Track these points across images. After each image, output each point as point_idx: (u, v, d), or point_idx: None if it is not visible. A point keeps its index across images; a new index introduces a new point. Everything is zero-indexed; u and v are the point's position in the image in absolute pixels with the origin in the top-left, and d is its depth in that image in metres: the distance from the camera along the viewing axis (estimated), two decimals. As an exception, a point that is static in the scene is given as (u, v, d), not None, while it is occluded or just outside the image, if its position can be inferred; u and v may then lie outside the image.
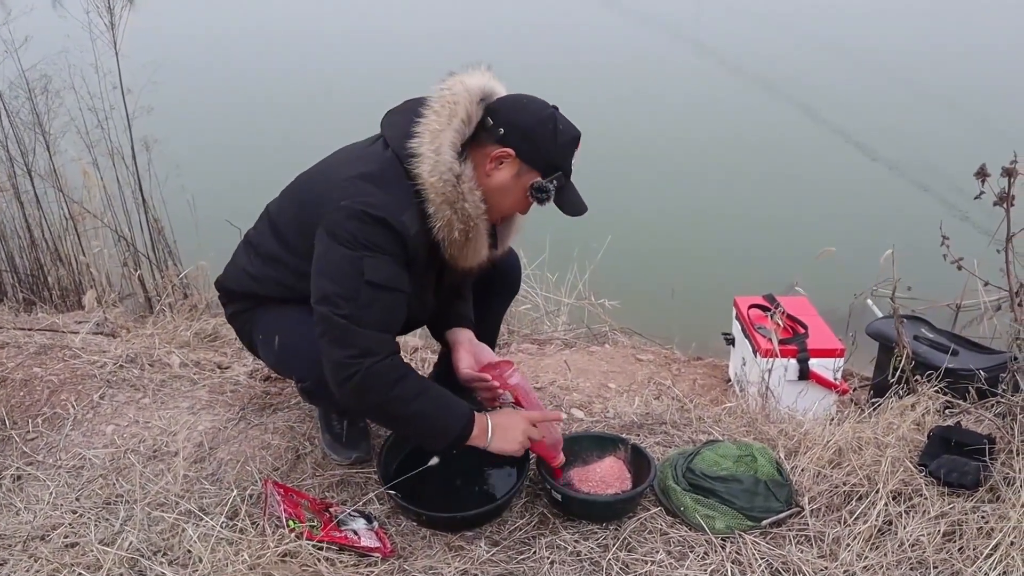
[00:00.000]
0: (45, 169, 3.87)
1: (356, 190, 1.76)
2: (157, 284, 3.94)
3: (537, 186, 1.81)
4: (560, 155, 1.81)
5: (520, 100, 1.83)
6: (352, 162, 1.85)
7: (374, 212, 1.71)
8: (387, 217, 1.72)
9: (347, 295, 1.74)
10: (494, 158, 1.79)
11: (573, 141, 1.82)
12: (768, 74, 8.25)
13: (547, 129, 1.78)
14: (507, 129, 1.78)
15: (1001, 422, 2.20)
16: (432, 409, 1.82)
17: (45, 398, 2.38)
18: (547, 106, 1.83)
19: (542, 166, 1.80)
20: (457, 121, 1.75)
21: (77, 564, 1.72)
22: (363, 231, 1.72)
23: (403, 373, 1.79)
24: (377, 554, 1.78)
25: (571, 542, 1.85)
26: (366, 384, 1.74)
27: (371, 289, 1.73)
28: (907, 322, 3.02)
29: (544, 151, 1.79)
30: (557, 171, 1.81)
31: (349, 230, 1.72)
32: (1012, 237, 2.41)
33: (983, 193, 2.38)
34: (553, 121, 1.79)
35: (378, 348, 1.75)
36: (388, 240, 1.74)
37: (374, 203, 1.72)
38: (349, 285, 1.73)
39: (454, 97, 1.76)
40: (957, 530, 1.85)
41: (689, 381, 3.36)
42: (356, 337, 1.73)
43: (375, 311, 1.75)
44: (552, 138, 1.79)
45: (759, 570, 1.76)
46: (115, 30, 3.58)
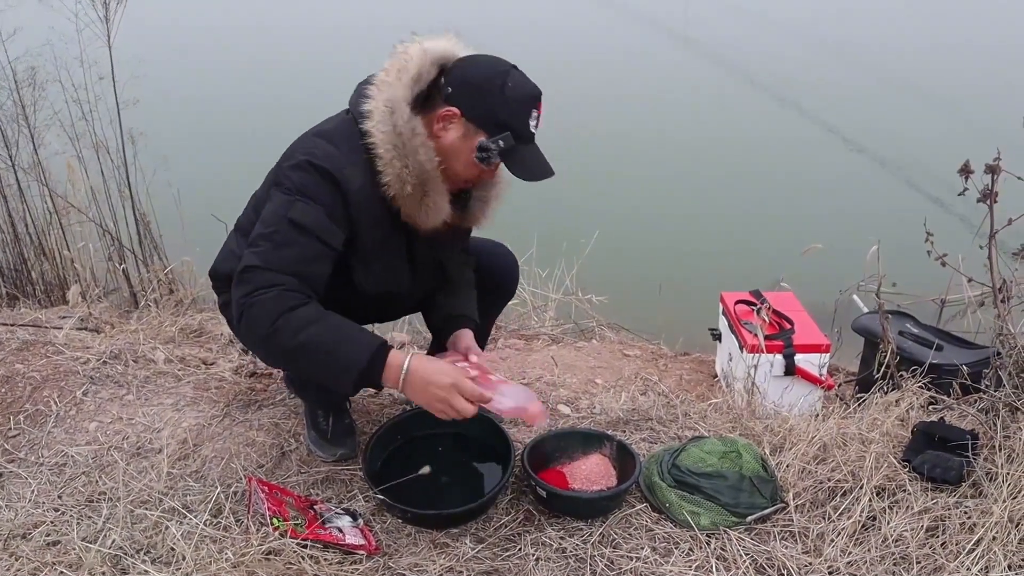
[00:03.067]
0: (29, 162, 3.83)
1: (307, 145, 1.76)
2: (142, 279, 3.91)
3: (480, 145, 1.72)
4: (508, 112, 1.71)
5: (473, 58, 1.76)
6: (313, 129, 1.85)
7: (316, 162, 1.70)
8: (329, 168, 1.70)
9: (268, 235, 1.69)
10: (441, 118, 1.73)
11: (527, 99, 1.72)
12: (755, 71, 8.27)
13: (494, 85, 1.70)
14: (455, 88, 1.72)
15: (984, 418, 2.21)
16: (330, 338, 1.64)
17: (27, 395, 2.36)
18: (502, 63, 1.74)
19: (488, 125, 1.72)
20: (407, 77, 1.71)
21: (59, 562, 1.70)
22: (303, 179, 1.71)
23: (297, 302, 1.64)
24: (362, 552, 1.78)
25: (556, 539, 1.85)
26: (253, 314, 1.63)
27: (292, 229, 1.68)
28: (892, 317, 3.03)
29: (489, 109, 1.71)
30: (505, 130, 1.71)
31: (291, 178, 1.72)
32: (995, 233, 2.43)
33: (967, 190, 2.39)
34: (503, 77, 1.70)
35: (276, 283, 1.65)
36: (326, 191, 1.70)
37: (318, 154, 1.72)
38: (273, 224, 1.70)
39: (407, 56, 1.73)
40: (940, 525, 1.86)
41: (676, 377, 3.37)
42: (258, 275, 1.66)
43: (288, 253, 1.67)
44: (499, 94, 1.69)
45: (744, 566, 1.76)
46: (109, 24, 3.54)
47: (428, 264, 1.98)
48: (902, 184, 5.73)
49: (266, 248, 1.68)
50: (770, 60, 8.70)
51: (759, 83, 7.98)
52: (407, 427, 2.15)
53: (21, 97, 3.74)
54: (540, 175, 1.77)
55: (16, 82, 3.71)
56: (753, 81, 8.05)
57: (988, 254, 2.48)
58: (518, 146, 1.74)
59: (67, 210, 3.91)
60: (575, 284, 3.80)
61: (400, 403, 2.43)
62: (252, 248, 1.71)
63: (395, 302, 2.06)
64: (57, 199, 3.89)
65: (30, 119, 3.77)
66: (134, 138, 3.79)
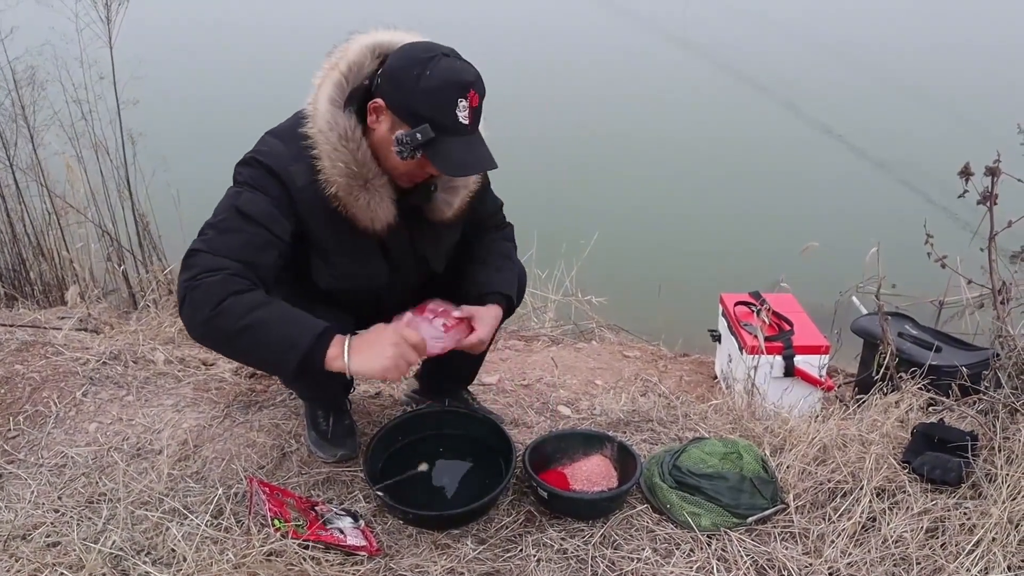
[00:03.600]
0: (28, 162, 3.82)
1: (258, 144, 1.75)
2: (142, 280, 3.91)
3: (396, 138, 1.63)
4: (424, 103, 1.59)
5: (407, 46, 1.66)
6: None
7: (262, 159, 1.69)
8: (273, 165, 1.68)
9: (215, 224, 1.67)
10: (372, 110, 1.67)
11: (448, 86, 1.59)
12: (755, 72, 8.27)
13: (411, 75, 1.59)
14: (382, 78, 1.65)
15: (983, 419, 2.22)
16: (273, 320, 1.59)
17: (27, 395, 2.36)
18: (431, 50, 1.62)
19: (406, 116, 1.62)
20: (336, 73, 1.65)
21: (59, 563, 1.70)
22: (250, 173, 1.70)
23: (243, 287, 1.60)
24: (363, 553, 1.78)
25: (557, 540, 1.85)
26: (195, 297, 1.58)
27: (237, 216, 1.65)
28: (891, 319, 3.04)
29: (407, 99, 1.61)
30: (423, 122, 1.60)
31: (241, 173, 1.71)
32: (995, 235, 2.43)
33: (967, 192, 2.40)
34: (423, 66, 1.59)
35: (219, 267, 1.60)
36: (272, 186, 1.68)
37: (265, 151, 1.70)
38: (220, 213, 1.68)
39: (340, 52, 1.70)
40: (940, 526, 1.86)
41: (676, 378, 3.38)
42: (202, 258, 1.62)
43: (234, 239, 1.64)
44: (414, 83, 1.58)
45: (744, 567, 1.76)
46: (110, 24, 3.54)
47: (409, 262, 1.91)
48: (902, 186, 5.74)
49: (212, 235, 1.65)
50: (770, 61, 8.71)
51: (759, 84, 7.99)
52: (408, 428, 2.15)
53: (20, 97, 3.74)
54: (466, 169, 1.68)
55: (15, 82, 3.71)
56: (753, 82, 8.05)
57: (988, 256, 2.48)
58: (442, 138, 1.61)
59: (66, 210, 3.91)
60: (575, 285, 3.81)
61: (401, 404, 2.43)
62: (199, 236, 1.68)
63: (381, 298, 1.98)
64: (56, 199, 3.88)
65: (29, 119, 3.77)
66: (133, 138, 3.79)
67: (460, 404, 2.34)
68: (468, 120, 1.62)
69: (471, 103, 1.61)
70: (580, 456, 2.06)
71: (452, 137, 1.62)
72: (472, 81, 1.61)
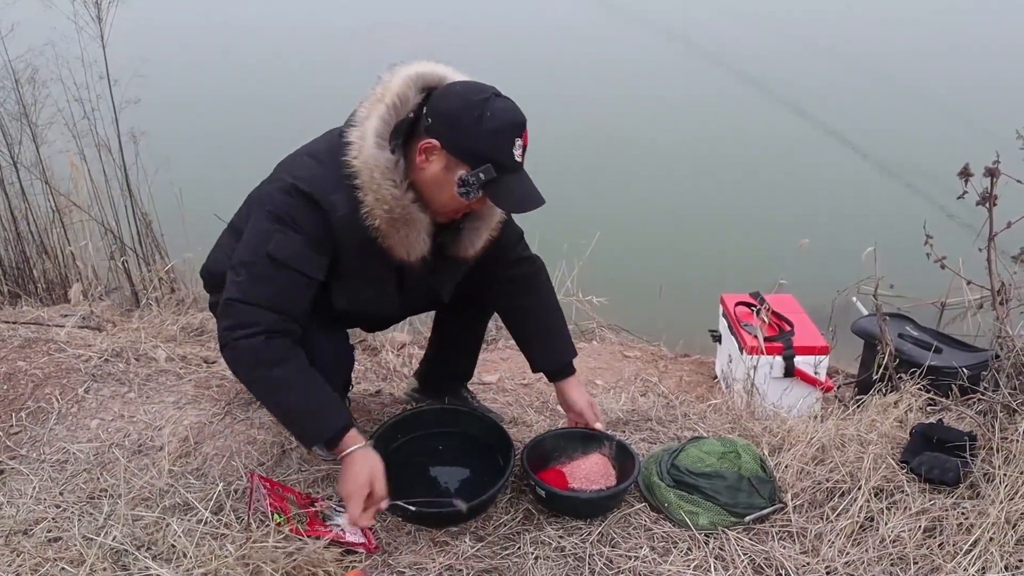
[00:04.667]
0: (31, 161, 3.84)
1: (296, 164, 1.76)
2: (144, 278, 3.92)
3: (460, 179, 1.68)
4: (487, 144, 1.65)
5: (453, 87, 1.71)
6: (308, 144, 1.85)
7: (302, 186, 1.70)
8: (314, 193, 1.70)
9: (247, 263, 1.73)
10: (422, 150, 1.69)
11: (507, 128, 1.66)
12: (757, 73, 8.27)
13: (472, 117, 1.64)
14: (434, 118, 1.68)
15: (982, 419, 2.22)
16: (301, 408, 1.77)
17: (29, 392, 2.37)
18: (482, 91, 1.68)
19: (468, 158, 1.67)
20: (382, 107, 1.68)
21: (60, 558, 1.71)
22: (286, 204, 1.71)
23: (276, 357, 1.73)
24: (362, 549, 1.79)
25: (555, 538, 1.85)
26: (234, 356, 1.74)
27: (270, 264, 1.71)
28: (892, 320, 3.05)
29: (468, 140, 1.66)
30: (485, 162, 1.66)
31: (275, 200, 1.73)
32: (994, 236, 2.44)
33: (966, 193, 2.41)
34: (480, 108, 1.64)
35: (257, 323, 1.71)
36: (308, 217, 1.71)
37: (306, 177, 1.71)
38: (252, 256, 1.73)
39: (385, 87, 1.71)
40: (937, 526, 1.87)
41: (676, 378, 3.38)
42: (238, 310, 1.72)
43: (266, 287, 1.72)
44: (476, 125, 1.64)
45: (742, 566, 1.77)
46: (102, 24, 3.55)
47: (420, 291, 1.97)
48: (904, 187, 5.73)
49: (246, 281, 1.72)
50: (770, 62, 8.71)
51: (760, 85, 7.99)
52: (408, 426, 2.16)
53: (23, 96, 3.75)
54: (526, 206, 1.73)
55: (17, 81, 3.72)
56: (754, 83, 8.06)
57: (987, 257, 2.49)
58: (502, 177, 1.68)
59: (69, 208, 3.92)
60: (576, 285, 3.81)
61: (401, 402, 2.44)
62: (233, 274, 1.75)
63: (383, 320, 2.13)
64: (59, 197, 3.90)
65: (32, 117, 3.78)
66: (136, 137, 3.80)
67: (459, 402, 2.36)
68: (521, 158, 1.70)
69: (524, 141, 1.70)
70: (579, 455, 2.06)
71: (509, 175, 1.69)
72: (524, 120, 1.70)
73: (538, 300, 2.12)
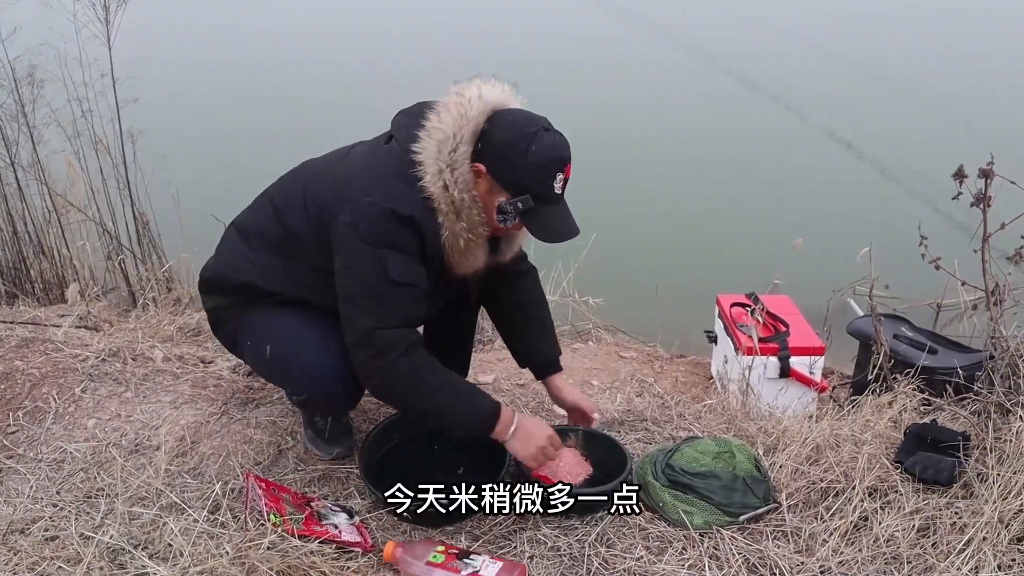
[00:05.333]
0: (28, 161, 3.84)
1: (381, 185, 1.77)
2: (141, 278, 3.92)
3: (499, 206, 1.77)
4: (529, 176, 1.73)
5: (507, 115, 1.76)
6: (370, 160, 1.85)
7: (401, 211, 1.73)
8: (412, 216, 1.74)
9: (371, 293, 1.77)
10: (474, 171, 1.75)
11: (551, 163, 1.74)
12: (753, 73, 8.29)
13: (518, 149, 1.71)
14: (484, 144, 1.74)
15: (976, 419, 2.23)
16: (457, 404, 1.85)
17: (26, 391, 2.38)
18: (533, 124, 1.75)
19: (509, 185, 1.75)
20: (469, 132, 1.73)
21: (57, 557, 1.71)
22: (387, 228, 1.74)
23: (425, 368, 1.82)
24: (358, 548, 1.79)
25: (551, 537, 1.86)
26: (388, 382, 1.82)
27: (394, 288, 1.76)
28: (887, 321, 3.06)
29: (511, 171, 1.73)
30: (525, 192, 1.74)
31: (373, 228, 1.74)
32: (988, 237, 2.45)
33: (961, 194, 2.42)
34: (528, 141, 1.71)
35: (397, 343, 1.78)
36: (409, 238, 1.76)
37: (400, 201, 1.74)
38: (373, 284, 1.76)
39: (466, 104, 1.74)
40: (931, 525, 1.88)
41: (671, 378, 3.39)
42: (377, 337, 1.77)
43: (397, 309, 1.78)
44: (521, 158, 1.71)
45: (736, 565, 1.78)
46: (109, 25, 3.55)
47: (454, 296, 2.04)
48: (901, 188, 5.75)
49: (375, 308, 1.77)
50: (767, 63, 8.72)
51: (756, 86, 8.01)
52: (403, 426, 2.17)
53: (20, 95, 3.75)
54: (560, 237, 1.80)
55: (15, 80, 3.72)
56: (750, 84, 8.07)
57: (981, 258, 2.50)
58: (540, 207, 1.76)
59: (66, 209, 3.92)
60: (572, 286, 3.82)
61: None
62: (360, 308, 1.78)
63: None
64: (56, 197, 3.89)
65: (29, 117, 3.78)
66: (133, 137, 3.80)
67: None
68: (561, 190, 1.78)
69: (565, 175, 1.77)
70: None
71: (547, 206, 1.77)
72: (568, 157, 1.77)
73: (528, 296, 2.18)
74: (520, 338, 2.19)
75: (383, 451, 2.11)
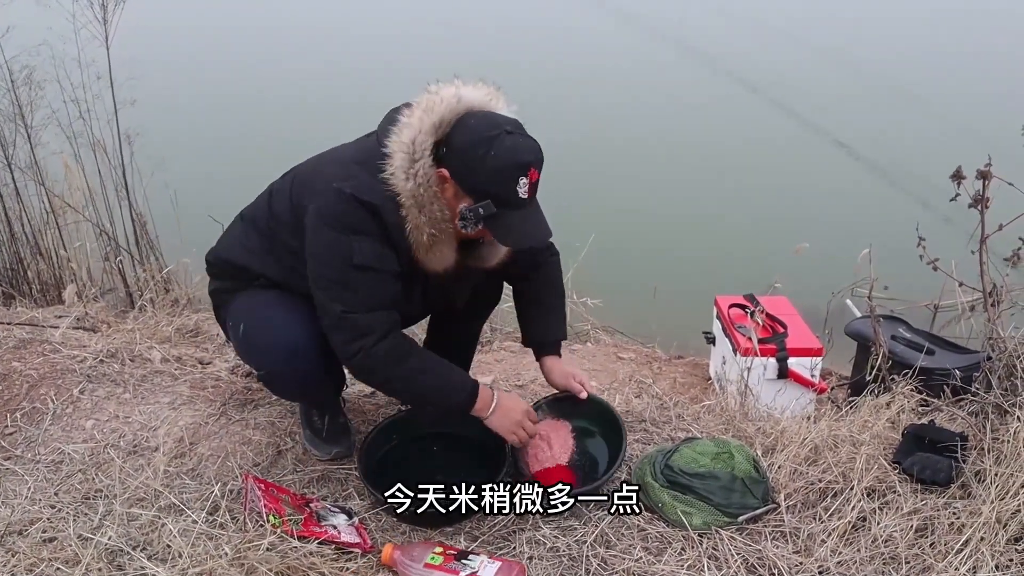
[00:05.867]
0: (26, 162, 3.83)
1: (347, 173, 1.78)
2: (138, 279, 3.91)
3: (460, 212, 1.75)
4: (489, 181, 1.70)
5: (470, 119, 1.73)
6: (347, 149, 1.89)
7: (362, 196, 1.73)
8: (372, 201, 1.73)
9: (338, 279, 1.78)
10: (439, 176, 1.75)
11: (509, 167, 1.69)
12: (751, 76, 8.30)
13: (476, 154, 1.68)
14: (448, 149, 1.73)
15: (974, 420, 2.24)
16: (437, 384, 1.89)
17: (24, 392, 2.37)
18: (495, 127, 1.70)
19: (471, 191, 1.73)
20: (429, 122, 1.71)
21: (55, 558, 1.71)
22: (351, 214, 1.74)
23: (404, 351, 1.84)
24: (357, 549, 1.79)
25: (550, 537, 1.86)
26: (367, 365, 1.82)
27: (359, 272, 1.76)
28: (885, 322, 3.06)
29: (471, 176, 1.71)
30: (486, 198, 1.71)
31: (337, 213, 1.75)
32: (986, 239, 2.46)
33: (959, 195, 2.42)
34: (487, 145, 1.68)
35: (373, 327, 1.79)
36: (371, 223, 1.75)
37: (362, 187, 1.74)
38: (339, 269, 1.77)
39: (435, 100, 1.73)
40: (929, 526, 1.88)
41: (670, 379, 3.39)
42: (348, 320, 1.79)
43: (364, 293, 1.79)
44: (480, 163, 1.68)
45: (735, 565, 1.78)
46: (107, 25, 3.55)
47: (438, 296, 2.04)
48: (898, 189, 5.76)
49: (342, 293, 1.78)
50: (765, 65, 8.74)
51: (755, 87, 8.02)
52: (402, 427, 2.17)
53: (18, 96, 3.74)
54: (525, 242, 1.80)
55: (12, 81, 3.71)
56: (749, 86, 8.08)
57: (979, 259, 2.50)
58: (503, 212, 1.72)
59: (64, 210, 3.91)
60: (570, 287, 3.82)
61: (395, 403, 2.45)
62: (326, 292, 1.79)
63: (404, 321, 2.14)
64: (54, 199, 3.89)
65: (27, 118, 3.77)
66: (131, 138, 3.80)
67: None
68: (527, 195, 1.73)
69: (531, 179, 1.72)
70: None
71: (512, 211, 1.73)
72: (532, 160, 1.72)
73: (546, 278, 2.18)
74: (523, 314, 2.21)
75: (382, 452, 2.11)
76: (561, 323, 2.20)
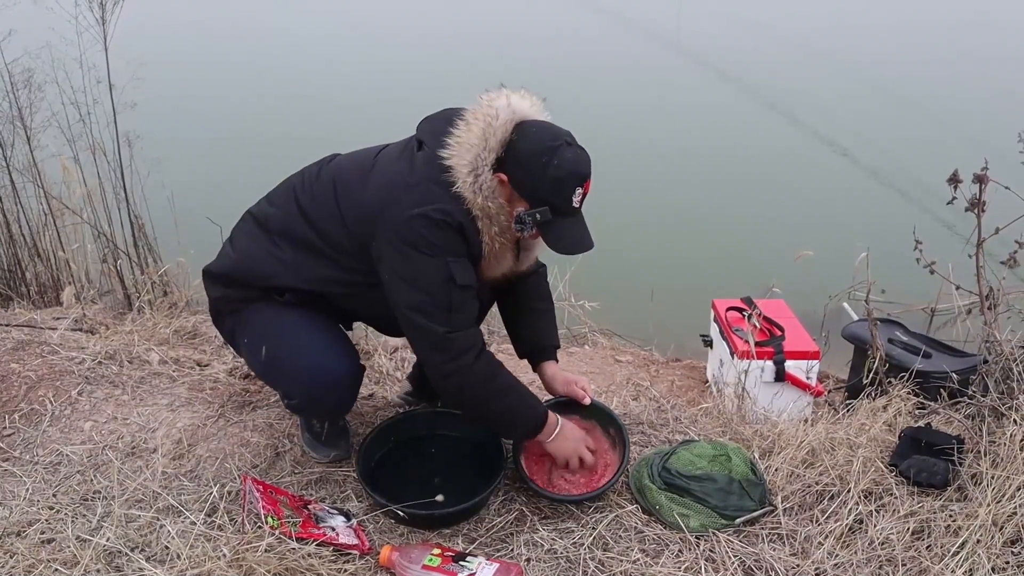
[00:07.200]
0: (24, 164, 3.83)
1: (425, 196, 1.77)
2: (137, 281, 3.91)
3: (518, 216, 1.80)
4: (548, 189, 1.76)
5: (531, 127, 1.79)
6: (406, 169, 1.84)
7: (449, 220, 1.76)
8: (461, 224, 1.77)
9: (441, 303, 1.79)
10: (498, 181, 1.79)
11: (570, 177, 1.77)
12: (750, 80, 8.32)
13: (539, 162, 1.75)
14: (507, 155, 1.77)
15: (970, 423, 2.24)
16: (520, 405, 1.92)
17: (22, 394, 2.37)
18: (556, 138, 1.77)
19: (529, 197, 1.78)
20: (495, 140, 1.76)
21: (54, 560, 1.71)
22: (442, 237, 1.77)
23: (496, 367, 1.88)
24: (355, 551, 1.79)
25: (548, 540, 1.87)
26: (467, 382, 1.84)
27: (461, 292, 1.80)
28: (882, 325, 3.07)
29: (532, 182, 1.77)
30: (544, 205, 1.77)
31: (430, 239, 1.76)
32: (983, 242, 2.46)
33: (955, 199, 2.43)
34: (550, 154, 1.74)
35: (471, 344, 1.83)
36: (460, 243, 1.80)
37: (447, 210, 1.76)
38: (441, 293, 1.79)
39: (494, 113, 1.76)
40: (925, 528, 1.89)
41: (667, 382, 3.40)
42: (452, 341, 1.81)
43: (466, 312, 1.84)
44: (542, 171, 1.75)
45: (732, 568, 1.78)
46: (106, 26, 3.55)
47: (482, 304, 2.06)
48: (896, 193, 5.77)
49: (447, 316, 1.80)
50: (764, 69, 8.76)
51: (753, 92, 8.04)
52: (401, 429, 2.18)
53: (18, 99, 3.74)
54: (576, 249, 1.85)
55: (12, 84, 3.72)
56: (748, 90, 8.10)
57: (975, 262, 2.51)
58: (557, 219, 1.79)
59: (62, 211, 3.91)
60: (568, 290, 3.82)
61: (394, 406, 2.45)
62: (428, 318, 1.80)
63: None
64: (52, 200, 3.89)
65: (26, 120, 3.77)
66: (130, 140, 3.80)
67: (452, 406, 2.37)
68: (579, 204, 1.82)
69: (585, 190, 1.81)
70: None
71: (564, 218, 1.81)
72: (588, 173, 1.81)
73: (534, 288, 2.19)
74: (514, 323, 2.20)
75: (380, 454, 2.11)
76: (554, 329, 2.21)
